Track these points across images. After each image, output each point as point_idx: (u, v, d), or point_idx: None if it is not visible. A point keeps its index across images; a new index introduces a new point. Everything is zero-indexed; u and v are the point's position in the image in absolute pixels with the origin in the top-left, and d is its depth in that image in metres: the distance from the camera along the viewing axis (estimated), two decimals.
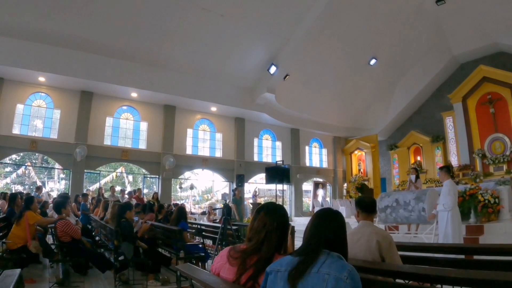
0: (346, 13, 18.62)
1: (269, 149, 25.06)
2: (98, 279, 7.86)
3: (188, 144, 21.18)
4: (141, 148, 19.53)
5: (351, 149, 28.45)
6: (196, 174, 22.75)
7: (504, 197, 11.88)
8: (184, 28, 16.68)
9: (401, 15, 19.96)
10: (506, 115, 21.25)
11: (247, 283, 2.53)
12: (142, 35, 16.39)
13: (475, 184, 13.25)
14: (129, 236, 7.61)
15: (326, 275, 2.09)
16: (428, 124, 26.12)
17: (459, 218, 8.39)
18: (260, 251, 2.62)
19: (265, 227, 2.67)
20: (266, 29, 17.91)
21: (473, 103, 22.71)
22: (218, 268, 2.80)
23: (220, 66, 19.13)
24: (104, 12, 14.97)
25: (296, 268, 2.19)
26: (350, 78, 23.34)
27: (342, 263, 2.17)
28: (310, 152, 27.35)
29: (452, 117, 23.95)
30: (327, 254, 2.22)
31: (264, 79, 20.06)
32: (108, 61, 16.74)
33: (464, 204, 11.61)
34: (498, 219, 11.65)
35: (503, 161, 20.85)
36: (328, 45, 20.17)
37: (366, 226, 4.16)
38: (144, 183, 20.53)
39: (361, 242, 4.03)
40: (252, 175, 23.30)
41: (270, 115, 22.39)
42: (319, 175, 27.21)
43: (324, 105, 24.65)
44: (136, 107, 19.58)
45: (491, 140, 21.66)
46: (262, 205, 2.92)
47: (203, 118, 21.91)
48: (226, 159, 22.28)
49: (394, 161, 27.42)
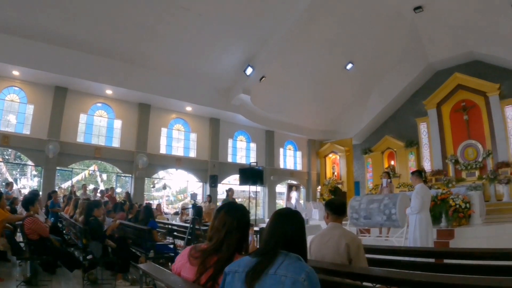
0: (324, 17, 18.71)
1: (244, 150, 25.07)
2: (67, 278, 7.72)
3: (162, 144, 21.02)
4: (114, 146, 19.30)
5: (326, 152, 28.54)
6: (170, 174, 22.50)
7: (475, 202, 12.06)
8: (162, 26, 16.52)
9: (379, 21, 20.08)
10: (479, 123, 21.79)
11: (207, 283, 2.51)
12: (119, 32, 16.17)
13: (447, 189, 13.37)
14: (98, 234, 7.49)
15: (283, 277, 2.06)
16: (403, 129, 26.40)
17: (429, 222, 8.41)
18: (220, 251, 2.60)
19: (225, 227, 2.66)
20: (244, 30, 17.87)
21: (447, 109, 23.19)
22: (179, 267, 2.77)
23: (197, 66, 19.00)
24: (82, 7, 14.71)
25: (253, 269, 2.16)
26: (326, 82, 23.42)
27: (300, 265, 2.13)
28: (284, 154, 27.40)
29: (426, 123, 24.31)
30: (285, 255, 2.18)
31: (240, 80, 20.03)
32: (84, 57, 16.44)
33: (436, 208, 11.74)
34: (469, 223, 11.83)
35: (476, 167, 21.38)
36: (305, 48, 20.21)
37: (336, 228, 4.18)
38: (117, 182, 20.30)
39: (329, 244, 4.05)
40: (226, 176, 23.21)
41: (245, 116, 22.38)
42: (293, 178, 27.23)
43: (299, 108, 24.71)
44: (110, 105, 19.31)
45: (464, 146, 22.19)
46: (223, 204, 2.92)
47: (178, 117, 21.77)
48: (200, 159, 22.16)
49: (368, 165, 27.67)
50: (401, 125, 26.66)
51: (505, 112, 20.96)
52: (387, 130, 27.41)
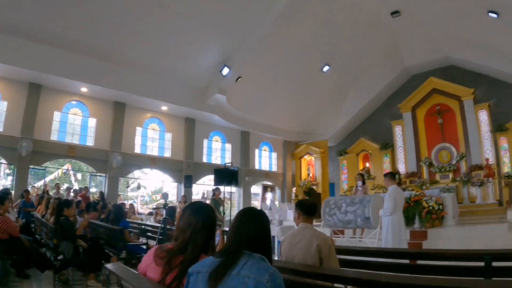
0: (302, 19, 18.72)
1: (219, 150, 24.97)
2: (38, 279, 7.62)
3: (136, 143, 20.80)
4: (88, 145, 18.99)
5: (301, 154, 28.55)
6: (146, 174, 22.27)
7: (448, 204, 12.26)
8: (139, 24, 16.34)
9: (357, 24, 20.16)
10: (454, 126, 22.25)
11: (172, 283, 2.49)
12: (96, 28, 15.92)
13: (420, 191, 13.48)
14: (69, 234, 7.35)
15: (246, 277, 2.06)
16: (378, 131, 26.60)
17: (402, 224, 8.46)
18: (185, 251, 2.58)
19: (191, 227, 2.65)
20: (221, 30, 17.81)
21: (422, 113, 23.55)
22: (145, 267, 2.74)
23: (173, 65, 18.87)
24: (58, 2, 14.43)
25: (216, 270, 2.15)
26: (302, 84, 23.45)
27: (263, 265, 2.14)
28: (259, 155, 27.39)
29: (401, 125, 24.53)
30: (249, 255, 2.19)
31: (216, 80, 19.94)
32: (59, 54, 16.11)
33: (409, 210, 11.97)
34: (442, 224, 12.07)
35: (449, 169, 21.79)
36: (282, 49, 20.21)
37: (307, 229, 4.17)
38: (91, 181, 20.04)
39: (301, 245, 4.05)
40: (201, 176, 23.08)
41: (221, 116, 22.30)
42: (268, 179, 27.22)
43: (275, 109, 24.71)
44: (85, 103, 19.00)
45: (438, 149, 22.59)
46: (189, 204, 2.90)
47: (153, 117, 21.58)
48: (174, 159, 21.99)
49: (343, 166, 27.68)
50: (376, 127, 26.86)
51: (478, 116, 21.38)
52: (362, 133, 27.56)
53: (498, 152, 20.94)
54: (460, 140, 21.98)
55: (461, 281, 3.14)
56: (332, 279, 3.59)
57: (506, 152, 20.74)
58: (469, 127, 21.46)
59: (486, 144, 21.02)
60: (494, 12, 16.26)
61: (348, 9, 18.95)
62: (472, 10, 17.29)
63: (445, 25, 19.91)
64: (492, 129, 21.00)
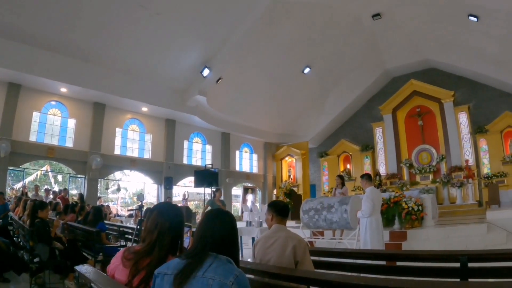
0: (283, 21, 18.72)
1: (199, 152, 24.88)
2: (14, 282, 7.53)
3: (116, 144, 20.60)
4: (68, 146, 18.75)
5: (282, 155, 28.57)
6: (127, 176, 22.05)
7: (428, 205, 12.29)
8: (120, 24, 16.17)
9: (338, 27, 20.22)
10: (434, 128, 22.56)
11: (139, 285, 2.46)
12: (76, 28, 15.70)
13: (400, 192, 13.54)
14: (44, 236, 7.25)
15: (210, 279, 2.02)
16: (358, 133, 26.88)
17: (379, 225, 8.49)
18: (152, 252, 2.55)
19: (157, 228, 2.61)
20: (202, 31, 17.72)
21: (402, 115, 23.79)
22: (113, 269, 2.69)
23: (153, 66, 18.72)
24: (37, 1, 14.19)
25: (181, 272, 2.11)
26: (283, 85, 23.47)
27: (229, 268, 2.10)
28: (240, 156, 27.36)
29: (381, 127, 24.75)
30: (215, 257, 2.15)
31: (196, 81, 19.84)
32: (39, 53, 15.87)
33: (389, 211, 12.06)
34: (422, 225, 12.09)
35: (430, 171, 22.08)
36: (263, 51, 20.21)
37: (281, 230, 4.12)
38: (71, 183, 19.82)
39: (275, 247, 4.00)
40: (181, 178, 22.96)
41: (201, 118, 22.21)
42: (249, 180, 27.21)
43: (256, 111, 24.68)
44: (65, 103, 18.76)
45: (418, 151, 22.84)
46: (156, 205, 2.87)
47: (133, 118, 21.40)
48: (155, 160, 21.85)
49: (324, 168, 27.85)
50: (357, 129, 27.12)
51: (458, 118, 21.75)
52: (343, 134, 27.76)
53: (477, 153, 21.29)
54: (440, 141, 22.25)
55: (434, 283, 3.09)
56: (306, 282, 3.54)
57: (485, 153, 21.10)
58: (449, 129, 21.78)
59: (466, 146, 21.34)
60: (474, 15, 16.45)
61: (330, 11, 18.98)
62: (453, 14, 17.48)
63: (425, 28, 20.14)
64: (471, 131, 21.34)
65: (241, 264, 4.12)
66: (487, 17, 16.31)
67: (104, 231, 8.57)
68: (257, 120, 25.77)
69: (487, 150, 21.03)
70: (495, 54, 18.74)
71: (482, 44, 18.56)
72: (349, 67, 23.92)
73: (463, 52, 20.42)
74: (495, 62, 19.40)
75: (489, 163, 20.88)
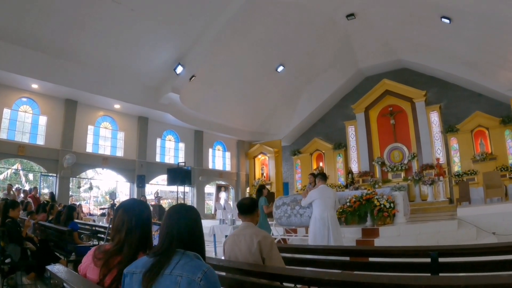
0: (257, 19, 18.74)
1: (172, 150, 24.70)
2: None
3: (88, 142, 20.26)
4: (39, 144, 18.39)
5: (255, 153, 28.67)
6: (99, 174, 21.76)
7: (399, 202, 12.42)
8: (92, 20, 15.87)
9: (312, 26, 20.31)
10: (406, 127, 22.96)
11: (112, 284, 2.44)
12: (48, 23, 15.36)
13: (372, 190, 13.69)
14: (15, 237, 7.16)
15: (178, 277, 2.02)
16: (331, 132, 27.03)
17: (325, 222, 8.55)
18: (122, 251, 2.53)
19: (124, 226, 2.59)
20: (176, 28, 17.62)
21: (374, 114, 24.16)
22: (84, 268, 2.68)
23: (126, 62, 18.50)
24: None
25: (149, 270, 2.10)
26: (257, 84, 23.51)
27: (197, 264, 2.10)
28: (213, 154, 27.28)
29: (354, 126, 25.02)
30: (182, 253, 2.14)
31: (169, 78, 19.66)
32: (9, 48, 15.45)
33: (361, 208, 12.15)
34: (394, 222, 12.19)
35: (401, 169, 22.43)
36: (237, 49, 20.21)
37: (247, 228, 4.17)
38: (42, 182, 19.42)
39: (242, 244, 4.05)
40: (154, 176, 22.80)
41: (174, 115, 22.07)
42: (222, 178, 27.23)
43: (229, 109, 24.70)
44: (36, 100, 18.38)
45: (390, 149, 23.20)
46: (121, 202, 2.84)
47: (106, 115, 21.10)
48: (127, 158, 21.60)
49: (297, 166, 27.97)
50: (330, 127, 27.27)
51: (430, 117, 22.21)
52: (316, 133, 27.90)
53: (448, 152, 21.75)
54: (412, 140, 22.63)
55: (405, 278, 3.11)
56: (275, 278, 3.57)
57: (456, 152, 21.55)
58: (421, 128, 22.21)
59: (437, 144, 21.79)
60: (447, 17, 16.67)
61: (304, 10, 19.00)
62: (426, 15, 17.68)
63: (399, 29, 20.40)
64: (443, 130, 21.79)
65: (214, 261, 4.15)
66: (459, 19, 16.54)
67: (76, 231, 8.47)
68: (230, 118, 25.76)
69: (457, 148, 21.47)
70: (467, 55, 19.07)
71: (454, 46, 18.86)
72: (322, 66, 24.05)
73: (435, 53, 20.71)
74: (466, 63, 19.72)
75: (459, 162, 21.31)
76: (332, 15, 19.96)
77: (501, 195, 16.45)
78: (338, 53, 23.25)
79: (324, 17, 20.03)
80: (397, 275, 3.51)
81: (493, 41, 17.01)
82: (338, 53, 23.25)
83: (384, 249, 5.78)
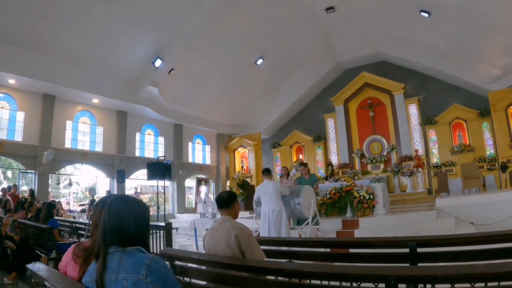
0: (236, 12, 18.59)
1: (152, 144, 24.54)
2: None
3: (67, 137, 19.96)
4: (16, 140, 18.06)
5: (235, 146, 28.65)
6: (79, 170, 21.48)
7: (379, 193, 12.63)
8: (70, 13, 15.54)
9: (291, 19, 20.28)
10: (385, 119, 23.23)
11: None
12: (24, 16, 14.97)
13: (351, 181, 13.82)
14: None
15: (124, 281, 1.96)
16: (311, 124, 27.13)
17: (266, 215, 9.08)
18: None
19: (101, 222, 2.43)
20: (154, 21, 17.43)
21: (354, 106, 24.41)
22: (65, 266, 2.69)
23: (104, 56, 18.25)
24: None
25: (98, 279, 2.01)
26: (236, 76, 23.46)
27: (138, 259, 2.02)
28: (193, 148, 27.19)
29: (333, 118, 25.26)
30: (121, 251, 2.05)
31: (148, 72, 19.49)
32: None
33: (341, 200, 12.42)
34: (373, 213, 12.45)
35: (380, 160, 22.76)
36: (216, 42, 20.06)
37: (225, 221, 4.21)
38: (21, 179, 19.13)
39: (221, 238, 4.08)
40: (134, 170, 22.59)
41: (153, 109, 21.91)
42: (202, 172, 27.17)
43: (208, 102, 24.62)
44: (13, 95, 18.03)
45: (369, 141, 23.47)
46: (101, 198, 2.80)
47: (84, 110, 20.81)
48: (106, 153, 21.37)
49: (277, 159, 28.13)
50: (309, 120, 27.38)
51: (408, 109, 22.57)
52: (295, 125, 27.99)
53: (427, 144, 22.09)
54: (391, 132, 22.92)
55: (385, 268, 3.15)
56: (254, 270, 3.58)
57: (434, 143, 21.89)
58: (400, 120, 22.49)
59: (416, 136, 22.10)
60: (426, 11, 16.77)
61: (283, 2, 18.98)
62: (405, 9, 17.77)
63: (378, 22, 20.50)
64: (421, 122, 22.10)
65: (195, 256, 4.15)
66: (438, 13, 16.66)
67: (56, 228, 8.38)
68: (209, 112, 25.69)
69: (436, 140, 21.78)
70: (445, 49, 19.28)
71: (433, 39, 19.02)
72: (302, 59, 24.07)
73: (414, 46, 20.84)
74: (444, 57, 19.95)
75: (438, 153, 21.63)
76: (312, 8, 19.95)
77: (479, 186, 16.70)
78: (317, 46, 23.29)
79: (303, 10, 19.99)
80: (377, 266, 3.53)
81: (472, 35, 17.19)
82: (317, 46, 23.29)
83: (364, 240, 5.84)
